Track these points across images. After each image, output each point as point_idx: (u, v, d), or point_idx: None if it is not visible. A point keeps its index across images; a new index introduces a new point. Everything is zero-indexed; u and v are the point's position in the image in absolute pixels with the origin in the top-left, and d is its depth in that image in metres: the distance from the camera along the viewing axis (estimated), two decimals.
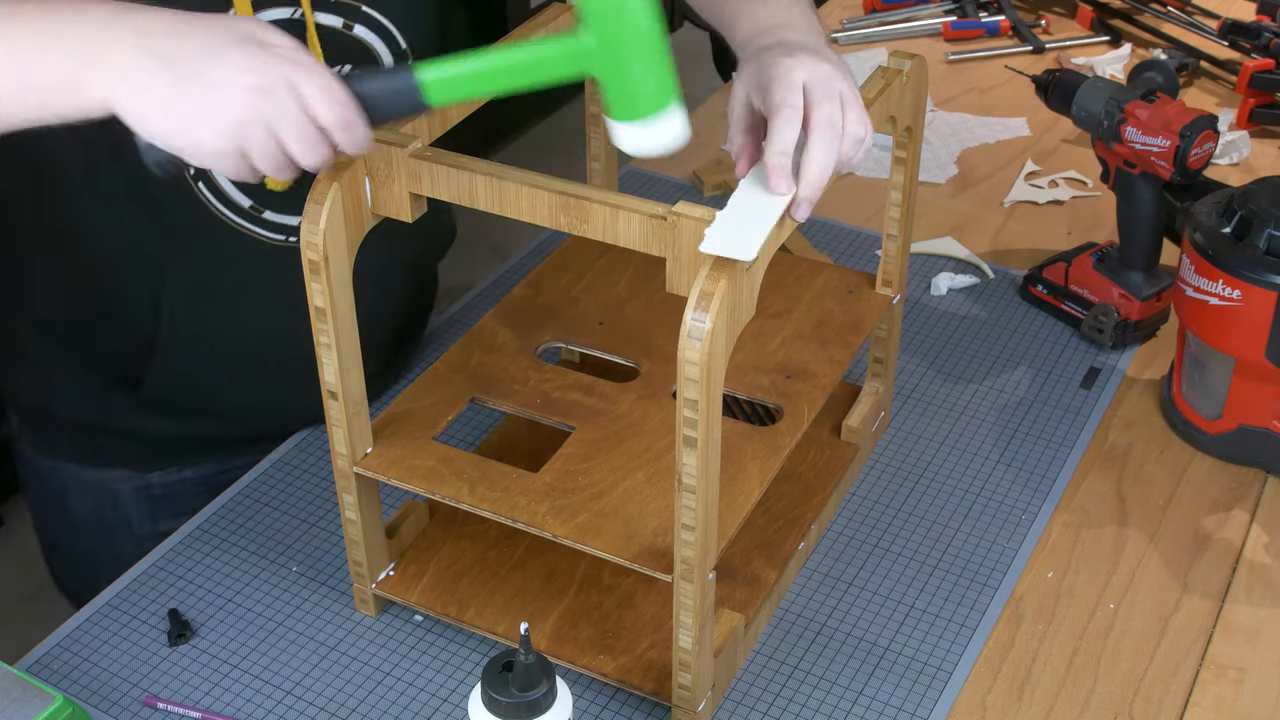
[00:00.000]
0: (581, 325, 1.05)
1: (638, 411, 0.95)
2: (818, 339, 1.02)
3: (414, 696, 0.93)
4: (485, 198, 0.82)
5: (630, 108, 0.74)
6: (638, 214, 0.78)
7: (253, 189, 1.00)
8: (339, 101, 0.73)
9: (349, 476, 0.92)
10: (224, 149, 0.72)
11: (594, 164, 1.11)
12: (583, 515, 0.87)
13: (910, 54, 0.94)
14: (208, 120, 0.71)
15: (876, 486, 1.10)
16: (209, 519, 1.07)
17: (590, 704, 0.92)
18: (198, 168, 0.75)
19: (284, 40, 0.73)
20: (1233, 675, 0.94)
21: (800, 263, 1.10)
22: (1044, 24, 1.80)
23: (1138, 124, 1.16)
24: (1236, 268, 1.04)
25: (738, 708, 0.92)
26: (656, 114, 0.74)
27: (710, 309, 0.73)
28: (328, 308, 0.85)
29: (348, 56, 1.00)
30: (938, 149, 1.54)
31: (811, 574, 1.02)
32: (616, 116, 0.75)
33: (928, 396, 1.19)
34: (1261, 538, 1.05)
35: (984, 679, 0.94)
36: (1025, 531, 1.06)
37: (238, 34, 0.72)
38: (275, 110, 0.71)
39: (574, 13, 0.72)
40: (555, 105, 3.03)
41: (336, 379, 0.88)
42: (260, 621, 0.98)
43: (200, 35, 0.72)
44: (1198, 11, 1.74)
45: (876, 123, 0.91)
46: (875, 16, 1.82)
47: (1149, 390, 1.20)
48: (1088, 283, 1.25)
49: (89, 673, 0.94)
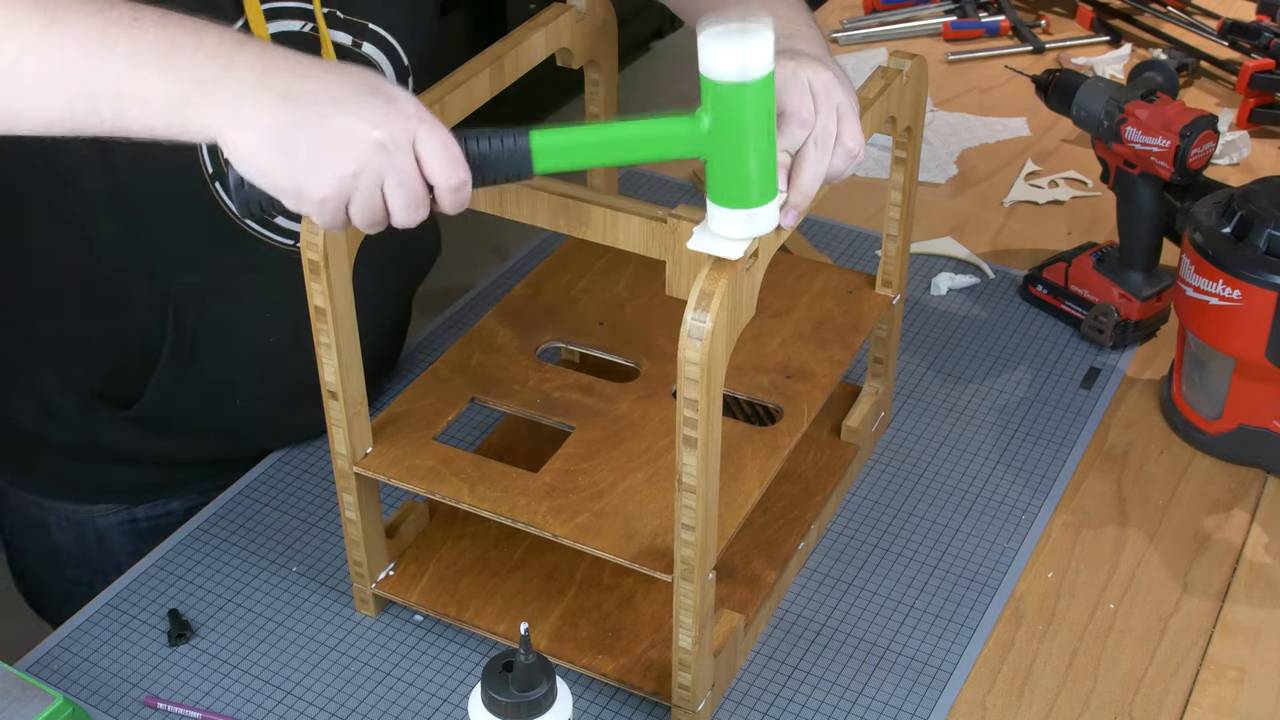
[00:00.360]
0: (581, 325, 1.05)
1: (638, 411, 0.95)
2: (818, 339, 1.02)
3: (414, 696, 0.93)
4: (485, 200, 0.82)
5: (733, 195, 0.73)
6: (637, 217, 0.78)
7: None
8: (456, 163, 0.70)
9: (349, 476, 0.92)
10: (330, 197, 0.69)
11: None
12: (583, 515, 0.87)
13: (910, 54, 0.94)
14: (322, 168, 0.68)
15: (876, 487, 1.10)
16: (209, 519, 1.07)
17: (590, 704, 0.92)
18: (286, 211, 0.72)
19: (406, 94, 0.71)
20: (1233, 675, 0.94)
21: (800, 263, 1.10)
22: (1044, 24, 1.80)
23: (1138, 124, 1.16)
24: (1236, 268, 1.04)
25: (738, 708, 0.92)
26: (758, 205, 0.74)
27: (710, 309, 0.73)
28: (327, 307, 0.85)
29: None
30: (938, 149, 1.54)
31: (811, 574, 1.02)
32: (718, 201, 0.74)
33: (928, 396, 1.19)
34: (1261, 538, 1.05)
35: (984, 679, 0.94)
36: (1025, 531, 1.06)
37: (362, 83, 0.70)
38: (390, 166, 0.69)
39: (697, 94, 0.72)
40: (555, 105, 3.03)
41: (336, 379, 0.88)
42: (260, 621, 0.98)
43: (323, 79, 0.69)
44: (1198, 11, 1.74)
45: (876, 123, 0.91)
46: (875, 16, 1.82)
47: (1149, 390, 1.20)
48: (1088, 283, 1.25)
49: (89, 673, 0.94)
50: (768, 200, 0.74)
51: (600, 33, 1.03)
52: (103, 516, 1.12)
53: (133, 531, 1.13)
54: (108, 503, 1.12)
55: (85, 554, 1.14)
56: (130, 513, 1.13)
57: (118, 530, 1.13)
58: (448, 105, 0.88)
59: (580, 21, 1.00)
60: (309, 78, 0.69)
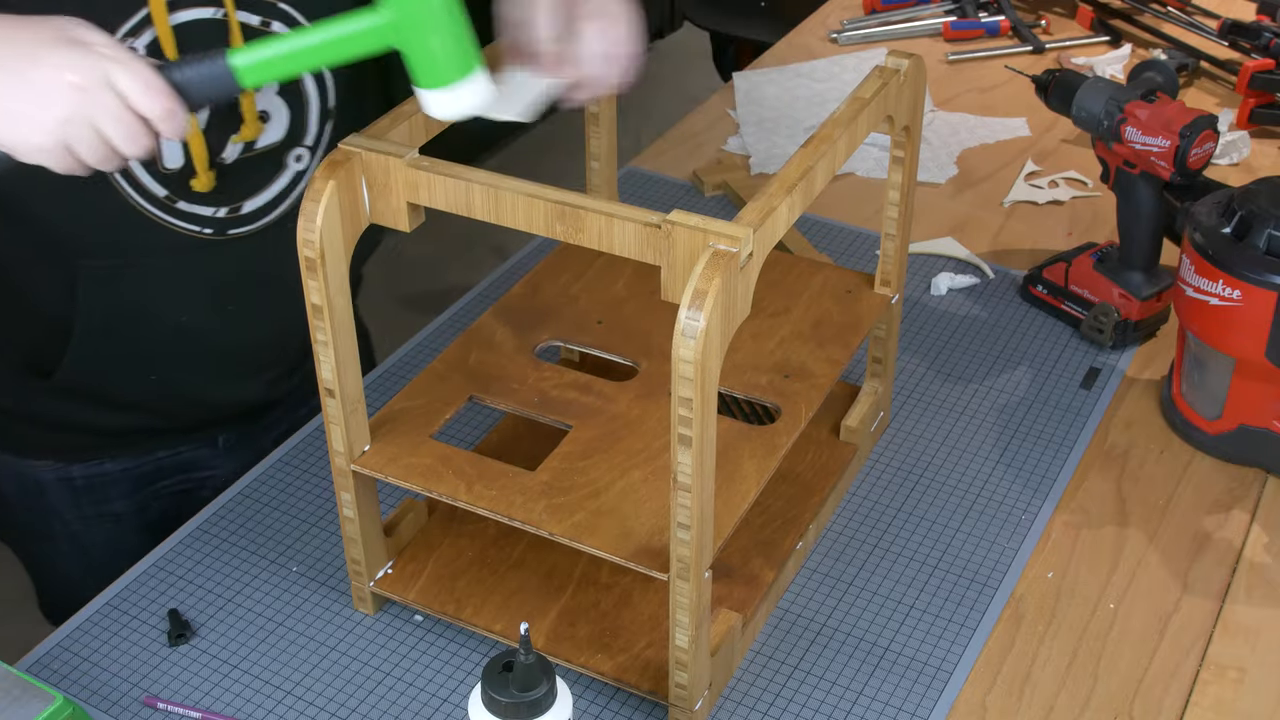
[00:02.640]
0: (580, 324, 1.05)
1: (635, 410, 0.95)
2: (816, 339, 1.02)
3: (414, 696, 0.93)
4: (482, 207, 0.82)
5: (433, 76, 0.79)
6: (633, 223, 0.78)
7: (168, 179, 1.01)
8: (158, 91, 0.76)
9: (346, 474, 0.92)
10: (49, 146, 0.75)
11: (593, 163, 1.11)
12: (580, 514, 0.87)
13: (907, 53, 0.94)
14: (31, 119, 0.74)
15: (876, 486, 1.10)
16: (209, 519, 1.07)
17: (590, 704, 0.92)
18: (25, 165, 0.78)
19: (102, 37, 0.76)
20: (1233, 675, 0.94)
21: (799, 262, 1.10)
22: (1044, 24, 1.80)
23: (1138, 124, 1.16)
24: (1236, 268, 1.04)
25: (737, 708, 0.92)
26: (458, 80, 0.79)
27: (704, 307, 0.73)
28: (324, 305, 0.85)
29: None
30: (938, 149, 1.54)
31: (811, 574, 1.02)
32: (421, 84, 0.80)
33: (928, 396, 1.19)
34: (1261, 538, 1.05)
35: (984, 679, 0.94)
36: (1025, 531, 1.06)
37: (57, 34, 0.76)
38: (95, 106, 0.74)
39: None
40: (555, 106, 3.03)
41: (334, 376, 0.88)
42: (260, 621, 0.98)
43: (15, 36, 0.75)
44: (1198, 11, 1.74)
45: (874, 122, 0.91)
46: (875, 16, 1.82)
47: (1149, 390, 1.20)
48: (1088, 283, 1.25)
49: (89, 673, 0.95)
50: (464, 75, 0.79)
51: None
52: (42, 471, 1.17)
53: (69, 487, 1.17)
54: (45, 460, 1.16)
55: (29, 501, 1.19)
56: (67, 470, 1.17)
57: (56, 484, 1.17)
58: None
59: None
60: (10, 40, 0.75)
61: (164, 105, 0.76)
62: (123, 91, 0.75)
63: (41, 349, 1.08)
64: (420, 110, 0.87)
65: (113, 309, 1.05)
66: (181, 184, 1.01)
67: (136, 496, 1.16)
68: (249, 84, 0.79)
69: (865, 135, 0.89)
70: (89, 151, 0.76)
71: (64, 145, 0.76)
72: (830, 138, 0.85)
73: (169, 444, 1.16)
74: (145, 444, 1.17)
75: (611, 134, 1.09)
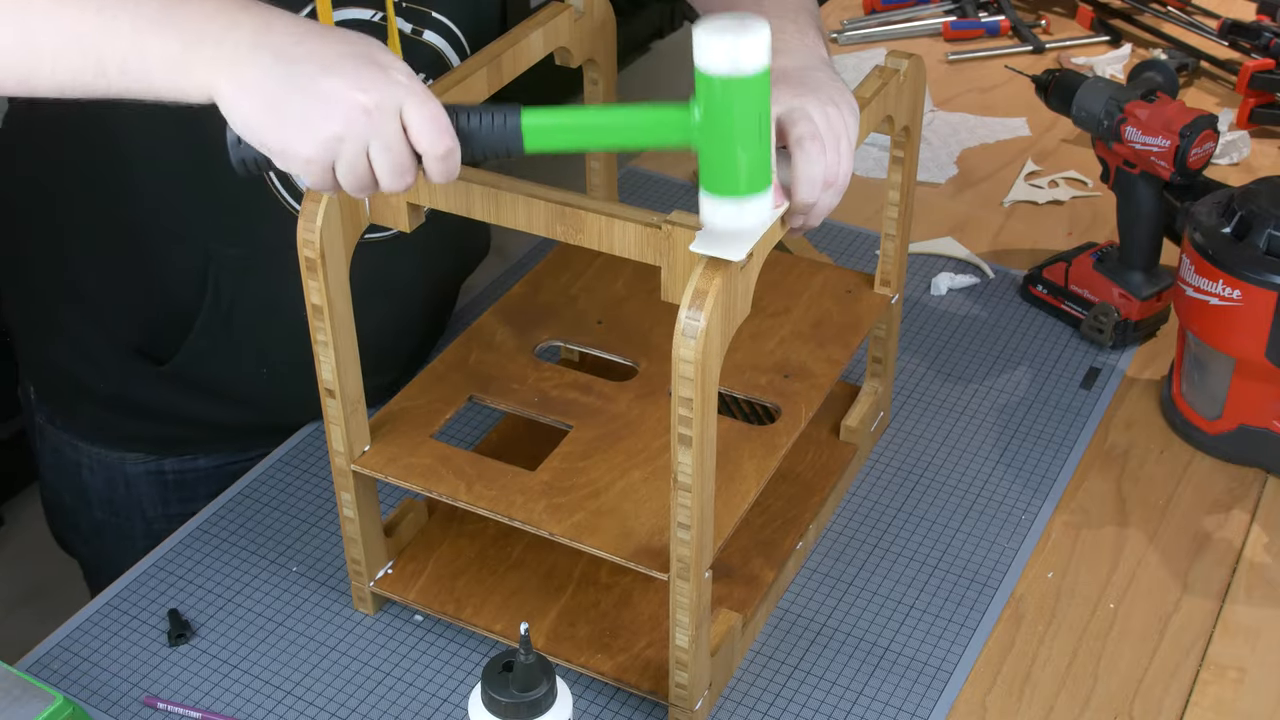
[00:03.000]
0: (580, 324, 1.05)
1: (635, 410, 0.95)
2: (816, 339, 1.02)
3: (414, 696, 0.93)
4: (482, 208, 0.82)
5: (724, 184, 0.74)
6: (633, 224, 0.78)
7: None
8: (443, 131, 0.72)
9: (347, 474, 0.92)
10: (315, 158, 0.72)
11: (593, 163, 1.11)
12: (579, 514, 0.87)
13: (907, 53, 0.94)
14: (308, 128, 0.71)
15: (876, 486, 1.10)
16: (209, 519, 1.07)
17: (590, 704, 0.92)
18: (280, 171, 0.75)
19: (400, 64, 0.73)
20: (1233, 675, 0.94)
21: (799, 262, 1.10)
22: (1044, 24, 1.80)
23: (1138, 124, 1.16)
24: (1236, 268, 1.04)
25: (737, 708, 0.92)
26: (748, 195, 0.74)
27: (705, 307, 0.73)
28: (325, 306, 0.85)
29: (417, 61, 1.01)
30: (938, 149, 1.54)
31: (811, 574, 1.02)
32: (709, 189, 0.74)
33: (928, 396, 1.19)
34: (1261, 538, 1.05)
35: (984, 679, 0.94)
36: (1025, 531, 1.06)
37: (357, 50, 0.72)
38: (375, 131, 0.71)
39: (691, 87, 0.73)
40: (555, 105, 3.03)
41: (334, 377, 0.88)
42: (260, 621, 0.98)
43: (319, 43, 0.72)
44: (1198, 11, 1.74)
45: (873, 122, 0.91)
46: (875, 16, 1.82)
47: (1149, 390, 1.20)
48: (1088, 283, 1.25)
49: (89, 673, 0.95)
50: (758, 190, 0.74)
51: (599, 32, 1.03)
52: (132, 464, 1.16)
53: (159, 481, 1.16)
54: (137, 451, 1.15)
55: (113, 496, 1.17)
56: (159, 464, 1.16)
57: (145, 478, 1.16)
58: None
59: (579, 20, 1.00)
60: (305, 41, 0.72)
61: (446, 146, 0.72)
62: (409, 123, 0.71)
63: (160, 334, 1.07)
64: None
65: (239, 299, 1.05)
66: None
67: None
68: (532, 147, 0.74)
69: (866, 135, 0.89)
70: (351, 174, 0.72)
71: (330, 161, 0.72)
72: None
73: (267, 442, 1.15)
74: (243, 440, 1.16)
75: None
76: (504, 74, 0.93)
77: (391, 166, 0.72)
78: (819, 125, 0.78)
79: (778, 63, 0.76)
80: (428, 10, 1.01)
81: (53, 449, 1.19)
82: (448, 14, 1.02)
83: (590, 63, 1.04)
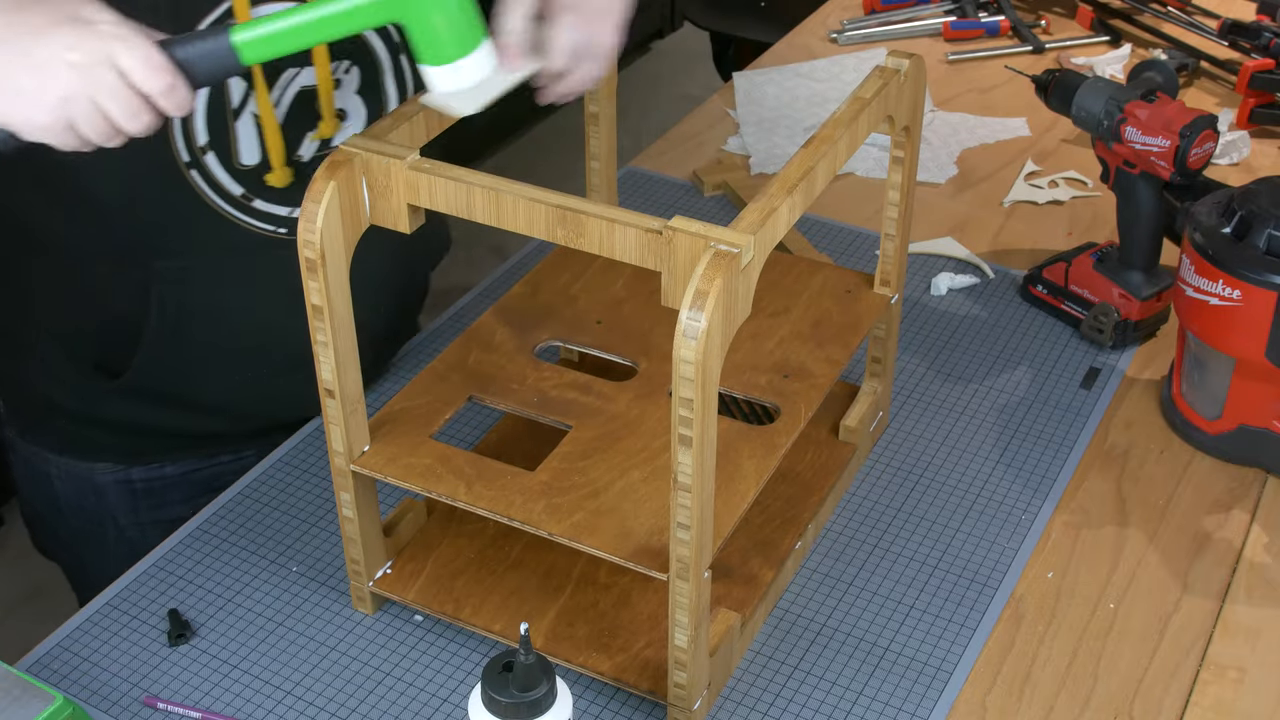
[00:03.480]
0: (579, 324, 1.05)
1: (635, 410, 0.95)
2: (815, 339, 1.02)
3: (414, 696, 0.93)
4: (482, 210, 0.82)
5: (436, 52, 0.78)
6: (633, 228, 0.78)
7: (245, 176, 1.01)
8: (159, 68, 0.76)
9: (346, 474, 0.92)
10: (51, 123, 0.76)
11: (593, 163, 1.11)
12: (579, 514, 0.87)
13: (907, 53, 0.94)
14: (34, 97, 0.75)
15: (876, 486, 1.10)
16: (209, 519, 1.07)
17: (590, 704, 0.92)
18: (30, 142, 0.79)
19: (107, 16, 0.77)
20: (1233, 675, 0.94)
21: (799, 262, 1.10)
22: (1044, 24, 1.80)
23: (1138, 124, 1.16)
24: (1236, 268, 1.04)
25: (737, 707, 0.92)
26: (461, 57, 0.78)
27: (705, 308, 0.73)
28: (324, 306, 0.85)
29: (343, 49, 1.01)
30: (938, 149, 1.54)
31: (811, 574, 1.02)
32: (424, 60, 0.79)
33: (927, 396, 1.19)
34: (1261, 538, 1.05)
35: (984, 679, 0.94)
36: (1025, 531, 1.06)
37: (63, 14, 0.76)
38: (96, 84, 0.75)
39: None
40: (555, 105, 3.04)
41: (334, 377, 0.88)
42: (260, 621, 0.98)
43: (26, 15, 0.76)
44: (1198, 11, 1.74)
45: (874, 122, 0.91)
46: (875, 16, 1.82)
47: (1149, 390, 1.20)
48: (1088, 283, 1.25)
49: (89, 673, 0.95)
50: (468, 51, 0.78)
51: None
52: (101, 474, 1.16)
53: (128, 490, 1.17)
54: (105, 461, 1.16)
55: (84, 505, 1.18)
56: (126, 473, 1.16)
57: (114, 487, 1.17)
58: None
59: None
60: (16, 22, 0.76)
61: (165, 81, 0.76)
62: (124, 69, 0.76)
63: (111, 349, 1.08)
64: (420, 112, 0.88)
65: (184, 309, 1.05)
66: (258, 181, 1.01)
67: (195, 501, 1.16)
68: (250, 60, 0.78)
69: (865, 135, 0.89)
70: (91, 128, 0.77)
71: (66, 123, 0.76)
72: (830, 138, 0.85)
73: (232, 448, 1.16)
74: (208, 447, 1.16)
75: (611, 134, 1.09)
76: None
77: (125, 111, 0.77)
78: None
79: None
80: None
81: (24, 461, 1.20)
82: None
83: None
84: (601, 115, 1.08)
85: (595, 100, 1.07)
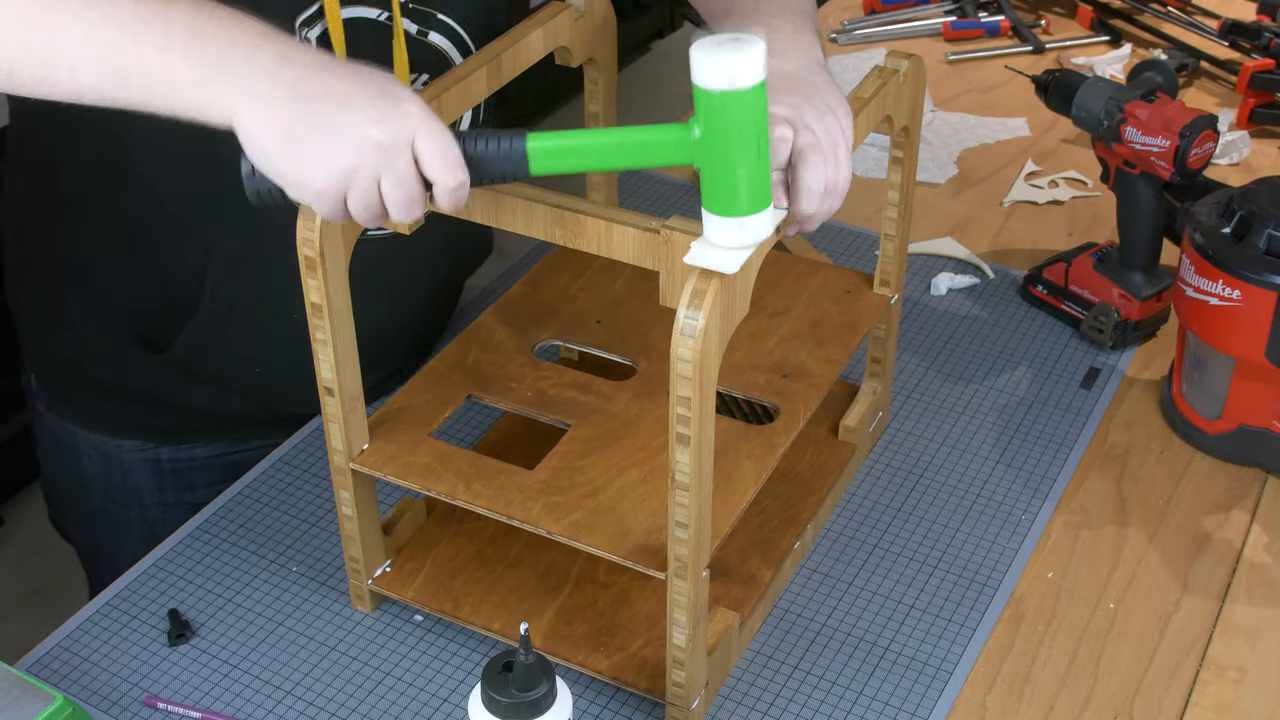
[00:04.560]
0: (579, 323, 1.05)
1: (634, 409, 0.95)
2: (815, 338, 1.02)
3: (414, 696, 0.93)
4: (481, 210, 0.82)
5: (725, 203, 0.74)
6: (632, 229, 0.78)
7: None
8: (454, 164, 0.73)
9: (345, 473, 0.92)
10: (327, 189, 0.73)
11: None
12: (577, 512, 0.87)
13: (907, 53, 0.94)
14: (322, 161, 0.72)
15: (876, 486, 1.10)
16: (209, 519, 1.08)
17: (590, 704, 0.92)
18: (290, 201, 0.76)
19: (413, 96, 0.74)
20: (1233, 675, 0.94)
21: (798, 262, 1.10)
22: (1044, 24, 1.80)
23: (1138, 124, 1.16)
24: (1236, 268, 1.04)
25: (736, 707, 0.92)
26: (752, 213, 0.74)
27: (703, 307, 0.73)
28: (324, 304, 0.85)
29: (421, 61, 1.02)
30: (938, 149, 1.54)
31: (810, 574, 1.02)
32: (710, 208, 0.75)
33: (927, 396, 1.19)
34: (1261, 538, 1.05)
35: (984, 679, 0.94)
36: (1025, 531, 1.05)
37: (371, 83, 0.73)
38: (388, 164, 0.72)
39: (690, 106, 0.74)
40: (555, 105, 3.04)
41: (333, 375, 0.88)
42: (260, 621, 0.98)
43: (335, 78, 0.73)
44: (1198, 11, 1.74)
45: (873, 123, 0.91)
46: (875, 17, 1.82)
47: (1149, 390, 1.20)
48: (1088, 283, 1.25)
49: (89, 673, 0.95)
50: (759, 209, 0.75)
51: (599, 31, 1.03)
52: (130, 452, 1.16)
53: (156, 469, 1.17)
54: (135, 439, 1.16)
55: (110, 483, 1.18)
56: (155, 452, 1.16)
57: (142, 466, 1.17)
58: (445, 103, 0.88)
59: (579, 20, 1.00)
60: (322, 76, 0.73)
61: (458, 179, 0.74)
62: (420, 155, 0.73)
63: (160, 322, 1.08)
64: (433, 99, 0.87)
65: (238, 292, 1.06)
66: None
67: (220, 486, 1.16)
68: (537, 171, 0.75)
69: (865, 135, 0.89)
70: (362, 205, 0.74)
71: (341, 193, 0.73)
72: None
73: (264, 433, 1.16)
74: (240, 430, 1.16)
75: None
76: (504, 73, 0.93)
77: (402, 199, 0.73)
78: (818, 134, 0.78)
79: (775, 65, 0.76)
80: (433, 11, 1.02)
81: (52, 435, 1.20)
82: (453, 15, 1.03)
83: (590, 62, 1.04)
84: (601, 115, 1.08)
85: (595, 100, 1.08)
